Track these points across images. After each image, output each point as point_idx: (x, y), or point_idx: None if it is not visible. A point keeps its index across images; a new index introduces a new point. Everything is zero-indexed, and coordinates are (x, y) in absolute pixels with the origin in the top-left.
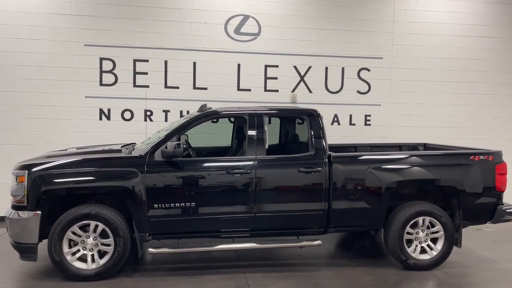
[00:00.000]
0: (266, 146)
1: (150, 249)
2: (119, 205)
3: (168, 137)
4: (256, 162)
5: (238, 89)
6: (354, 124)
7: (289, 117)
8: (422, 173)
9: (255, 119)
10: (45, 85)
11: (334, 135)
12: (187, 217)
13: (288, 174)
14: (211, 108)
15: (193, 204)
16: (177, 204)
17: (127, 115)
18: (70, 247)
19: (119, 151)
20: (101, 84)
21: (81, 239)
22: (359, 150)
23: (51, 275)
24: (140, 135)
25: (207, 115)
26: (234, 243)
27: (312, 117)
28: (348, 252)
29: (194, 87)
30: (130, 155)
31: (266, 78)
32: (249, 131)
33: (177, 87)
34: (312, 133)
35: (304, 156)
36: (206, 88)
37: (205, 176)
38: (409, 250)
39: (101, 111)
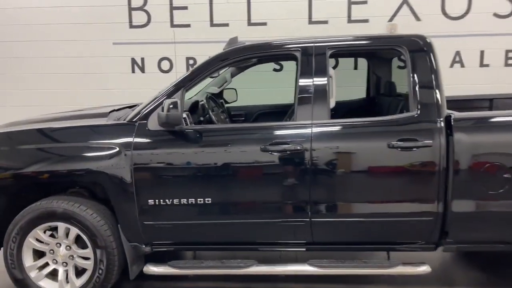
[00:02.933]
0: (331, 103)
1: (148, 267)
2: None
3: (166, 94)
4: (311, 131)
5: (310, 21)
6: (487, 65)
7: (375, 53)
8: None
9: (312, 57)
10: (62, 30)
11: (454, 83)
12: (201, 220)
13: (370, 152)
14: (244, 44)
15: (208, 200)
16: (184, 200)
17: (165, 65)
18: (38, 257)
19: (104, 115)
20: (131, 26)
21: (49, 248)
22: (499, 107)
23: None
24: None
25: (225, 57)
26: (279, 264)
27: (417, 49)
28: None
29: (249, 23)
30: (110, 122)
31: (350, 3)
32: (300, 79)
33: (227, 24)
34: (417, 78)
35: (400, 120)
36: (265, 24)
37: (227, 155)
38: None
39: (133, 61)
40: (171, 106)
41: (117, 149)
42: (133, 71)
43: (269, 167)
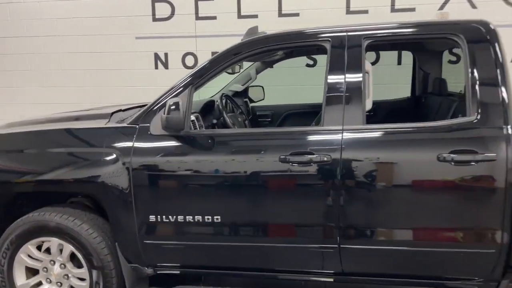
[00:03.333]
0: (368, 105)
1: None
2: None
3: (171, 93)
4: (341, 138)
5: (348, 11)
6: None
7: (423, 44)
8: None
9: (345, 49)
10: (83, 24)
11: None
12: (208, 241)
13: (415, 166)
14: (265, 33)
15: (217, 218)
16: (189, 217)
17: (190, 60)
18: (33, 275)
19: (106, 116)
20: (154, 19)
21: (42, 266)
22: None
23: None
24: (208, 88)
25: (237, 51)
26: None
27: (478, 39)
28: None
29: (280, 14)
30: (109, 125)
31: None
32: (330, 75)
33: (255, 16)
34: (477, 74)
35: (454, 126)
36: (297, 14)
37: (238, 166)
38: None
39: (157, 56)
40: (172, 107)
41: (114, 155)
42: (156, 67)
43: (289, 181)
